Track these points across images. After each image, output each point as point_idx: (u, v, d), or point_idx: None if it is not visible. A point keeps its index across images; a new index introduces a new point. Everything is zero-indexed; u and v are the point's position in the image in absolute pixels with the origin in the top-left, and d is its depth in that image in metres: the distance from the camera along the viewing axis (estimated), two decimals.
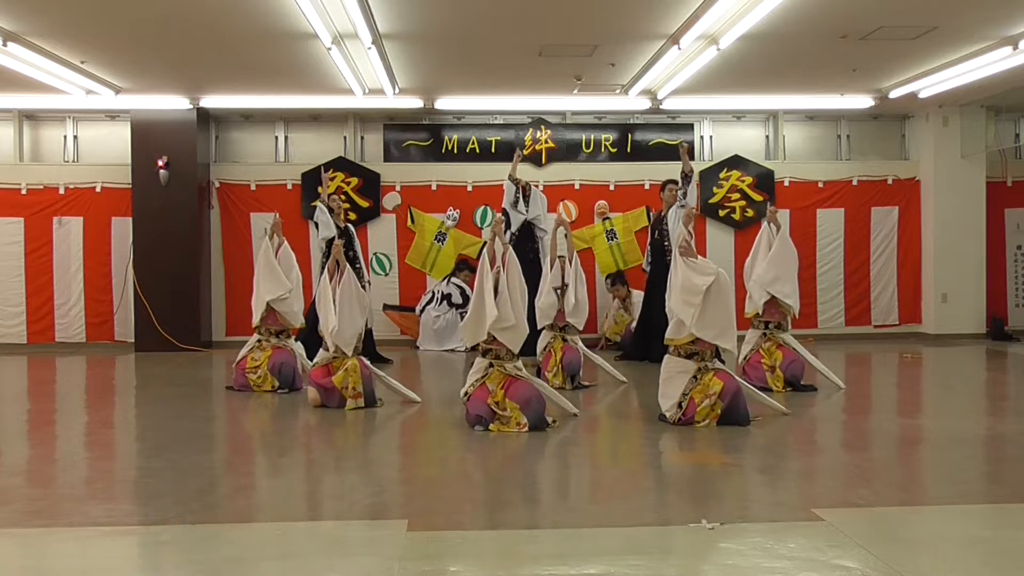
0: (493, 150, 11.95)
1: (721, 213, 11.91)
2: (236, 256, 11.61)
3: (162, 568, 3.71)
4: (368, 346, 8.56)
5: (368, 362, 7.32)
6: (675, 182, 9.68)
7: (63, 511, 4.42)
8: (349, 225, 10.16)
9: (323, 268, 8.84)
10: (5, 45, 7.90)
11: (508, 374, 6.29)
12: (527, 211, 10.34)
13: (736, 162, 12.02)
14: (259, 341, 8.05)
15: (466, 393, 6.38)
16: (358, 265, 9.67)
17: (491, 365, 6.32)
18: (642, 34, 8.18)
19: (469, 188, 11.78)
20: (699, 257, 6.47)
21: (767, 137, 12.36)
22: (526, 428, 6.09)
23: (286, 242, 8.40)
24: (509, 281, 6.22)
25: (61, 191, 11.53)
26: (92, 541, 3.96)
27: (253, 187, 11.74)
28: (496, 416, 6.16)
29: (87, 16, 7.51)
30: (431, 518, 4.21)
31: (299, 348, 8.27)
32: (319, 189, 10.20)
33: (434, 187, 11.78)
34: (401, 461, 5.79)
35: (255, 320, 8.09)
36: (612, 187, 11.89)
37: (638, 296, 10.77)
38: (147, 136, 11.17)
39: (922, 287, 12.15)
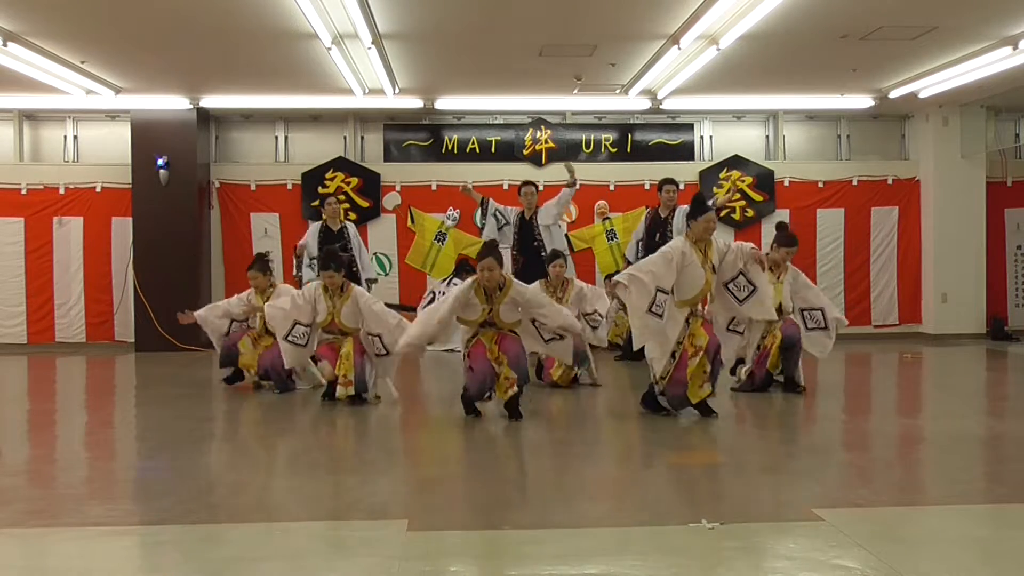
0: (493, 150, 11.96)
1: (721, 213, 11.89)
2: (236, 256, 11.60)
3: (162, 568, 3.71)
4: None
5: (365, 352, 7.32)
6: (672, 182, 9.63)
7: (63, 511, 4.42)
8: (347, 224, 10.05)
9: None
10: (5, 45, 7.90)
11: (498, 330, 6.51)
12: (504, 219, 9.81)
13: (736, 162, 12.02)
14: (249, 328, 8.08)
15: (465, 354, 6.54)
16: (355, 268, 9.58)
17: (481, 326, 6.51)
18: (642, 34, 8.18)
19: None
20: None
21: (767, 137, 12.37)
22: (515, 387, 6.35)
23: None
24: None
25: (61, 191, 11.53)
26: (92, 541, 3.96)
27: (253, 187, 11.75)
28: (497, 376, 6.40)
29: (87, 16, 7.51)
30: (431, 518, 4.21)
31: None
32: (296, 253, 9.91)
33: (434, 187, 11.78)
34: (401, 461, 5.79)
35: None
36: (612, 187, 11.89)
37: None
38: (147, 136, 11.18)
39: (922, 287, 12.15)
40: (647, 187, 11.83)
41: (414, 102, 10.99)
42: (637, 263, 6.72)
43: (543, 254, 9.51)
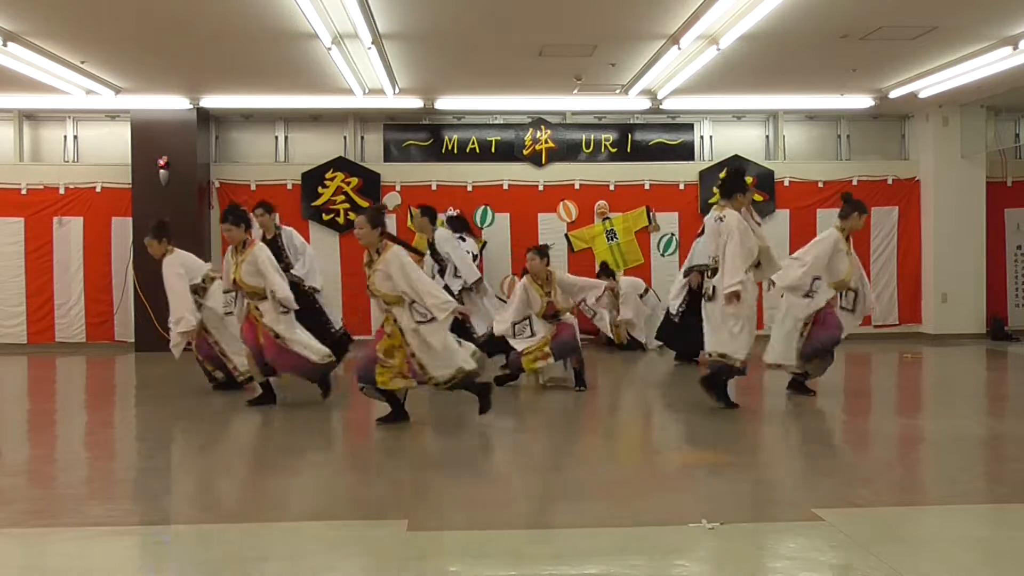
0: (493, 150, 11.95)
1: None
2: None
3: (162, 568, 3.71)
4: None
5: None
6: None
7: (63, 511, 4.42)
8: (282, 231, 9.06)
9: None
10: (5, 45, 7.90)
11: (399, 331, 6.17)
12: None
13: (736, 162, 12.01)
14: None
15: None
16: (297, 278, 8.82)
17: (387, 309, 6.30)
18: (642, 34, 8.18)
19: (469, 188, 11.79)
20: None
21: (767, 137, 12.37)
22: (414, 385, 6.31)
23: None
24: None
25: (61, 191, 11.53)
26: (92, 541, 3.96)
27: (253, 187, 11.74)
28: (379, 363, 6.17)
29: (87, 16, 7.51)
30: (431, 518, 4.22)
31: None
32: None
33: (434, 187, 11.77)
34: (401, 461, 5.79)
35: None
36: (612, 187, 11.89)
37: (627, 284, 10.83)
38: (147, 136, 11.17)
39: (922, 287, 12.14)
40: (647, 187, 11.85)
41: (414, 102, 10.98)
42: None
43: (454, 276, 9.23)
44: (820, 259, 7.16)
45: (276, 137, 12.06)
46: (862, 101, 11.16)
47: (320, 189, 11.66)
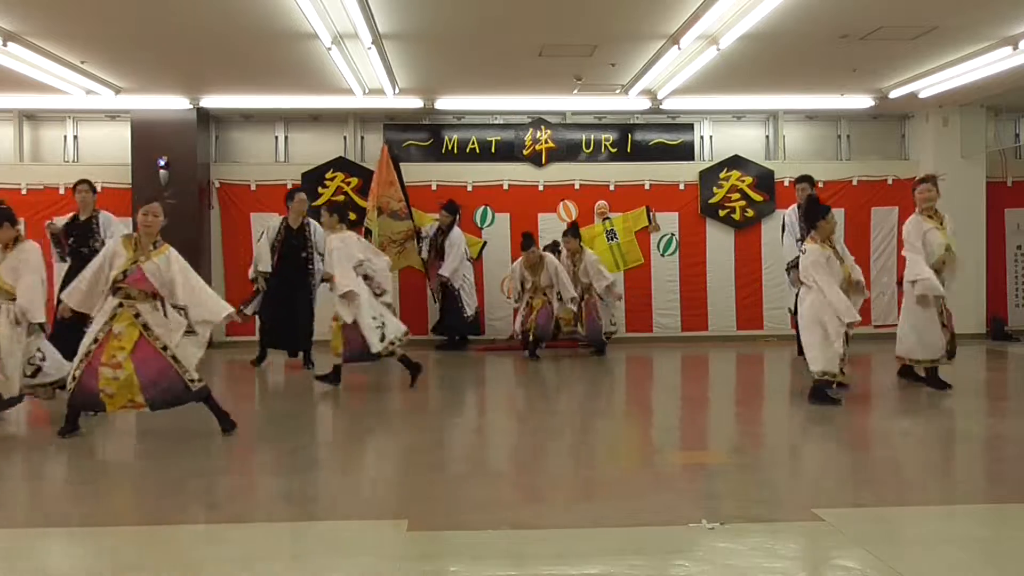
0: (493, 150, 11.95)
1: (721, 213, 11.91)
2: (236, 256, 11.59)
3: (163, 568, 3.71)
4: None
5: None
6: (806, 179, 9.69)
7: (62, 511, 4.42)
8: (97, 215, 8.78)
9: None
10: (5, 45, 7.90)
11: (142, 327, 5.72)
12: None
13: (736, 162, 12.02)
14: None
15: (84, 355, 5.70)
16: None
17: (120, 305, 5.76)
18: (642, 34, 8.18)
19: (469, 188, 11.79)
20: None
21: (767, 137, 12.36)
22: (144, 407, 5.74)
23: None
24: None
25: (61, 191, 11.50)
26: (92, 541, 3.96)
27: (253, 187, 11.74)
28: (101, 392, 5.62)
29: (87, 16, 7.51)
30: (431, 518, 4.22)
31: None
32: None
33: (434, 187, 11.77)
34: (401, 461, 5.79)
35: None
36: (612, 187, 11.89)
37: (590, 254, 10.79)
38: (147, 136, 11.17)
39: None
40: (647, 187, 11.85)
41: (414, 102, 10.98)
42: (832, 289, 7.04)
43: (310, 267, 9.30)
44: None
45: (276, 137, 12.06)
46: (862, 101, 11.16)
47: (320, 189, 11.65)
